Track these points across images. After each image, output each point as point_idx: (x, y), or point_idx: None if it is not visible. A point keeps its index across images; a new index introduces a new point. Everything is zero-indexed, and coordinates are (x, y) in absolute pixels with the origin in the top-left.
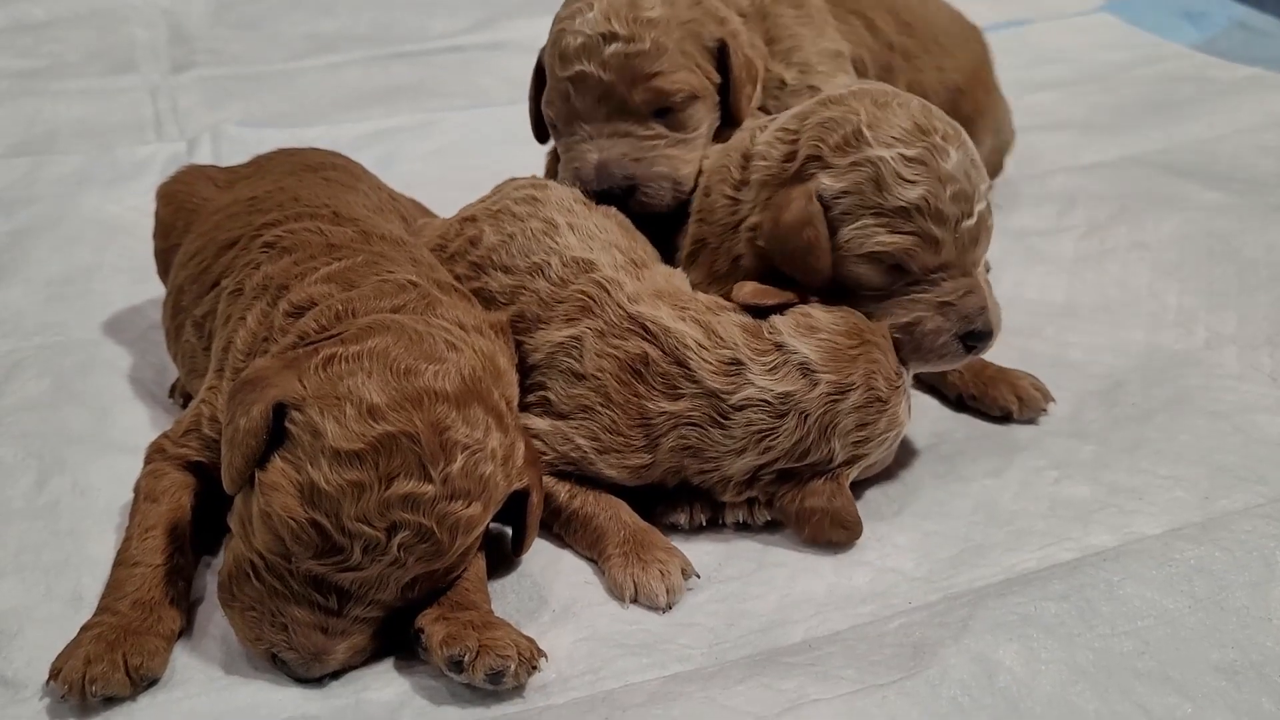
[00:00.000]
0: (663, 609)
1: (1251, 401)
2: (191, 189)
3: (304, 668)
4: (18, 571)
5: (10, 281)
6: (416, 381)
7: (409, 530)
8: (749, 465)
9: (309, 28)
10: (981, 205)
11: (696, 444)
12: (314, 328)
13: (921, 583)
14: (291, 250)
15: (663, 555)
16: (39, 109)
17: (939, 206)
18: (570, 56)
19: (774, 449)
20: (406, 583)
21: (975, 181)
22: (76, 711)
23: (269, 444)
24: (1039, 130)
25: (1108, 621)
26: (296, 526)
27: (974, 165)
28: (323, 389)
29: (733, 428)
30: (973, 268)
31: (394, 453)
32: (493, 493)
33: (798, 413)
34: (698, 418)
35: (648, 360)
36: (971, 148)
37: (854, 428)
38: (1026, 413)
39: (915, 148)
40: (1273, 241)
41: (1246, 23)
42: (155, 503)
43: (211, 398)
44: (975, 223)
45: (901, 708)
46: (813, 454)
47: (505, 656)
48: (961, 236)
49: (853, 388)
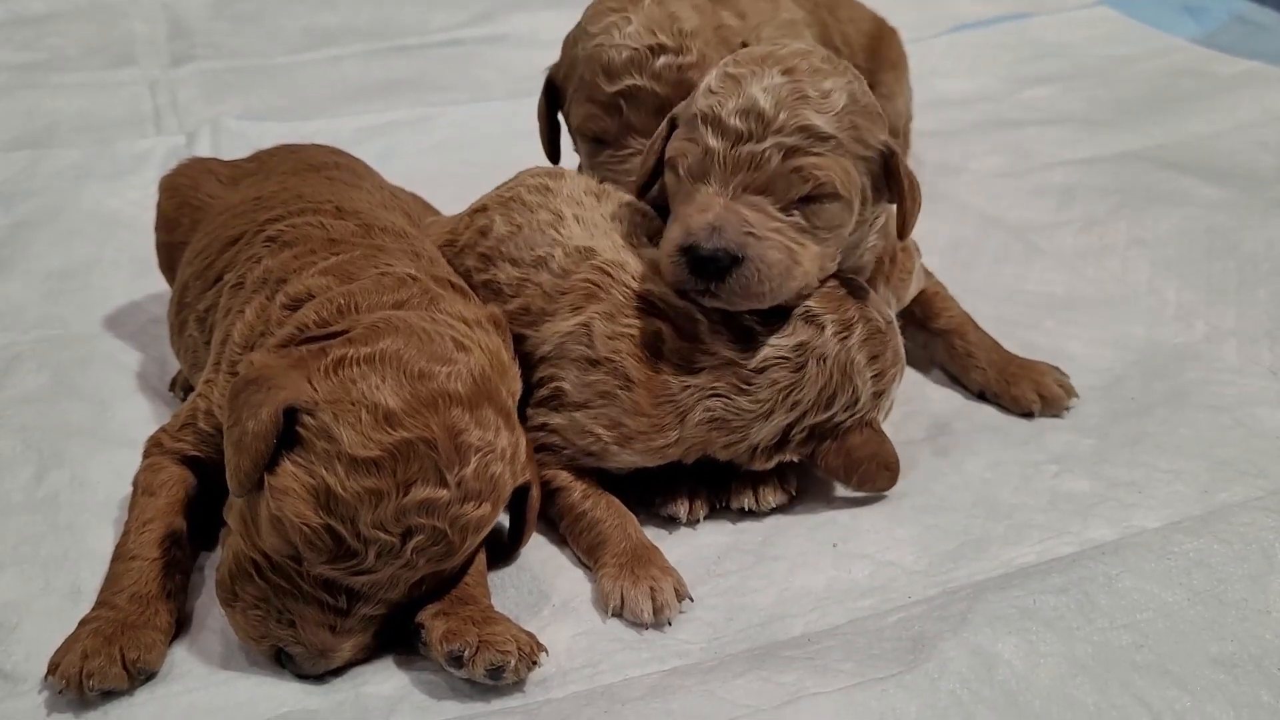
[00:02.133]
0: (647, 625)
1: (1251, 395)
2: (195, 182)
3: (310, 663)
4: (16, 564)
5: (9, 275)
6: (430, 385)
7: (424, 534)
8: (778, 427)
9: (308, 21)
10: (792, 141)
11: (723, 415)
12: (313, 320)
13: (920, 576)
14: (293, 244)
15: (656, 573)
16: (38, 102)
17: (720, 116)
18: (618, 71)
19: (801, 402)
20: (415, 582)
21: (792, 116)
22: (75, 706)
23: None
24: (1038, 124)
25: (1107, 615)
26: (310, 532)
27: (803, 101)
28: (335, 393)
29: (757, 391)
30: (737, 193)
31: (411, 459)
32: (502, 492)
33: (816, 358)
34: (722, 388)
35: (662, 336)
36: (838, 94)
37: (867, 361)
38: (1049, 411)
39: (742, 68)
40: (1272, 236)
41: (1246, 17)
42: (153, 496)
43: (208, 391)
44: (764, 150)
45: (900, 701)
46: (839, 397)
47: (505, 652)
48: (739, 156)
49: (854, 322)
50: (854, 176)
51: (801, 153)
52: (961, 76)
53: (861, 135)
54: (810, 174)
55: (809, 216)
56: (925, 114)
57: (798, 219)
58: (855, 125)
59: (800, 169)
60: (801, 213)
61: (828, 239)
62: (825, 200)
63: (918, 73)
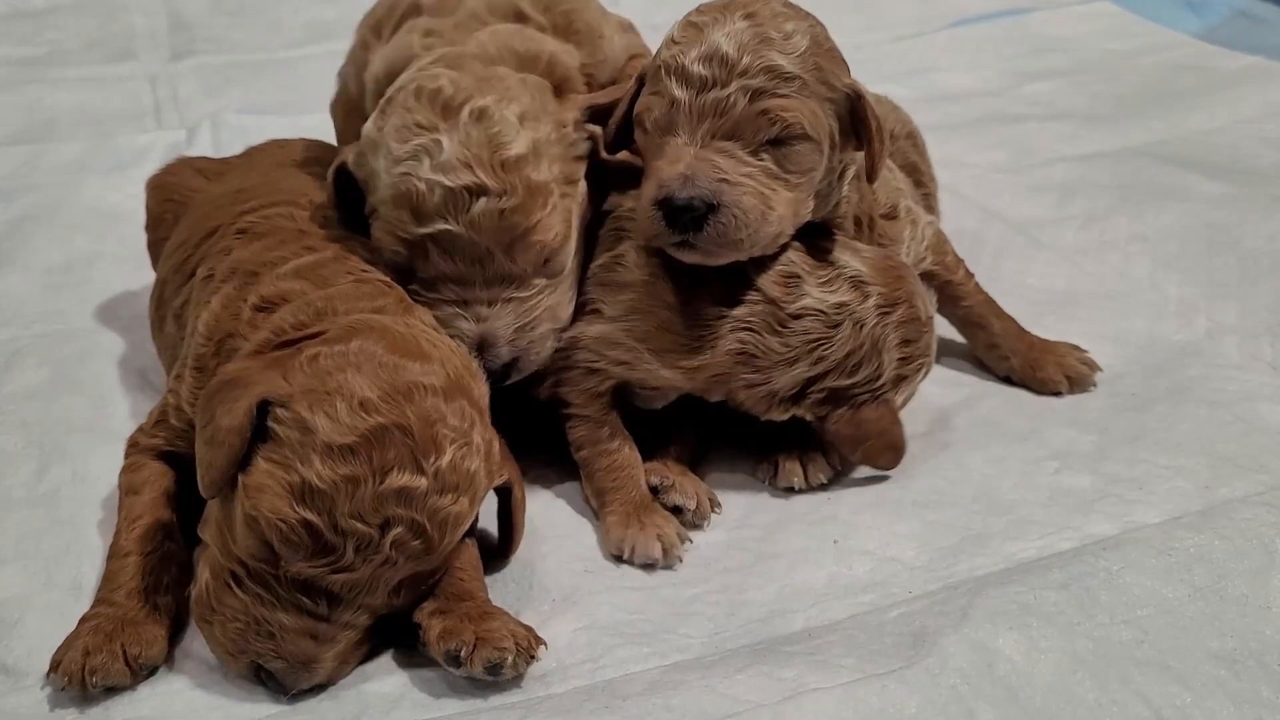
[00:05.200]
0: (659, 565)
1: (1252, 391)
2: (179, 180)
3: (292, 677)
4: (18, 560)
5: (9, 270)
6: (405, 376)
7: (402, 526)
8: (799, 377)
9: (309, 15)
10: (758, 82)
11: (752, 350)
12: (290, 324)
13: (921, 572)
14: (263, 235)
15: (660, 520)
16: (38, 97)
17: (684, 65)
18: (427, 213)
19: (826, 359)
20: (394, 586)
21: (757, 59)
22: (78, 701)
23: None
24: (1039, 119)
25: (1107, 610)
26: (286, 528)
27: (767, 44)
28: (310, 385)
29: (790, 336)
30: (706, 140)
31: (387, 445)
32: (478, 488)
33: (852, 322)
34: (756, 324)
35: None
36: (800, 37)
37: (899, 343)
38: (1076, 389)
39: (704, 16)
40: (1273, 232)
41: (1248, 11)
42: (138, 494)
43: (177, 386)
44: (729, 95)
45: (901, 696)
46: (864, 368)
47: (502, 649)
48: (704, 104)
49: (900, 302)
50: (821, 118)
51: (768, 94)
52: (962, 71)
53: (826, 77)
54: (778, 115)
55: (780, 160)
56: (926, 109)
57: (768, 163)
58: (820, 67)
59: (767, 111)
60: (772, 156)
61: (800, 184)
62: (795, 142)
63: (918, 67)
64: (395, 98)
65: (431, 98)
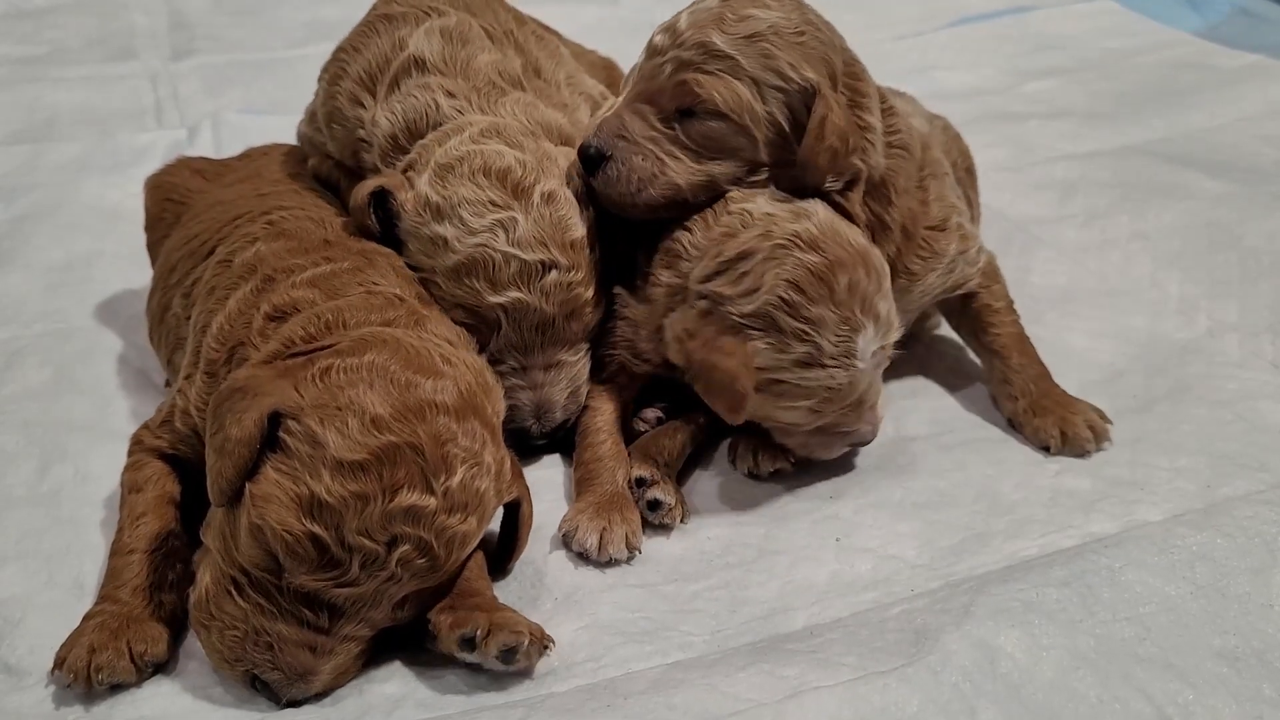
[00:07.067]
0: (593, 559)
1: (1253, 389)
2: (178, 180)
3: (287, 688)
4: (19, 559)
5: (10, 269)
6: (418, 394)
7: (409, 544)
8: (706, 271)
9: (309, 14)
10: (688, 55)
11: (677, 244)
12: (300, 335)
13: (923, 570)
14: (290, 235)
15: (618, 519)
16: (39, 96)
17: (653, 35)
18: (504, 283)
19: (724, 255)
20: (398, 601)
21: (696, 34)
22: (81, 699)
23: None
24: (1040, 118)
25: (1109, 608)
26: (292, 540)
27: (716, 22)
28: (322, 399)
29: (712, 230)
30: (630, 100)
31: (398, 464)
32: (486, 508)
33: (761, 230)
34: (693, 225)
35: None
36: (758, 21)
37: (787, 282)
38: (1069, 451)
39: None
40: (1274, 230)
41: (1248, 9)
42: (141, 492)
43: (186, 388)
44: (663, 63)
45: (903, 694)
46: (745, 280)
47: (518, 633)
48: (646, 69)
49: (818, 254)
50: (746, 100)
51: (692, 68)
52: (963, 69)
53: (775, 65)
54: (690, 89)
55: (688, 132)
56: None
57: (676, 133)
58: (769, 54)
59: (683, 83)
60: (681, 127)
61: (715, 159)
62: (706, 118)
63: (919, 66)
64: (457, 169)
65: (501, 176)
